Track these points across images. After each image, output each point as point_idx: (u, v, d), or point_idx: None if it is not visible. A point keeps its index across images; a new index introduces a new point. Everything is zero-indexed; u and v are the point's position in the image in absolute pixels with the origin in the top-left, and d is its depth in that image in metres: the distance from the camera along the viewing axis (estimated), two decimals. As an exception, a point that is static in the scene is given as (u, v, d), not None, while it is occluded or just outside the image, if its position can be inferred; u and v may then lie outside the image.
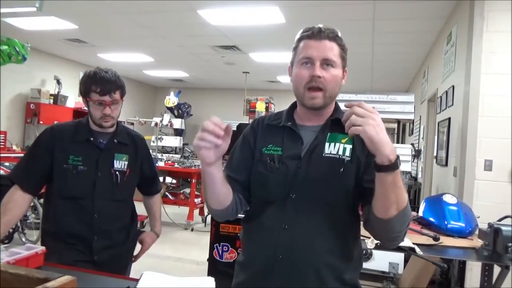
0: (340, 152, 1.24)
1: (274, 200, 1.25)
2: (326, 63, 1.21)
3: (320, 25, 1.24)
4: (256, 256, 1.28)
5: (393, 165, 1.02)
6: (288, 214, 1.22)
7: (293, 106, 1.37)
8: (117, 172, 1.78)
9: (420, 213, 2.62)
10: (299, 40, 1.26)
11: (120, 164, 1.80)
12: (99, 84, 1.70)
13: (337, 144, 1.25)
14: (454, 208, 2.46)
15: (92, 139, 1.78)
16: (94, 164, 1.75)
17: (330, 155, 1.24)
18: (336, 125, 1.27)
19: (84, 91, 1.74)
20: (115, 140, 1.82)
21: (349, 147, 1.24)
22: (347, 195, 1.23)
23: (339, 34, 1.25)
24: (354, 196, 1.24)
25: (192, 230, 6.11)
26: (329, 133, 1.27)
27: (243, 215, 1.40)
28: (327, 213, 1.23)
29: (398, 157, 1.04)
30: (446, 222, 2.37)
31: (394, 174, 1.04)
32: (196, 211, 6.50)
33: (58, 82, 7.76)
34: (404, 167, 3.48)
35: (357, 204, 1.27)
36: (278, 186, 1.25)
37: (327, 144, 1.25)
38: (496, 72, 3.16)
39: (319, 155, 1.25)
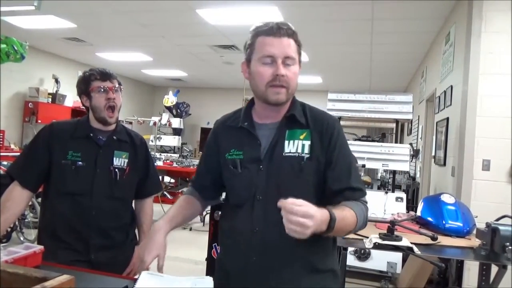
0: (299, 150, 1.25)
1: (243, 203, 1.27)
2: (287, 61, 1.21)
3: (279, 22, 1.23)
4: (231, 259, 1.31)
5: (326, 232, 1.07)
6: (257, 217, 1.24)
7: (251, 103, 1.37)
8: (116, 170, 1.79)
9: (418, 213, 2.62)
10: (255, 36, 1.23)
11: (120, 161, 1.81)
12: (99, 73, 1.77)
13: (296, 142, 1.26)
14: (452, 207, 2.47)
15: (91, 134, 1.78)
16: (93, 160, 1.75)
17: (290, 154, 1.25)
18: (293, 121, 1.28)
19: (85, 84, 1.78)
20: (114, 137, 1.82)
21: (307, 143, 1.26)
22: (310, 192, 1.23)
23: (294, 29, 1.25)
24: (318, 192, 1.25)
25: (190, 229, 6.11)
26: (287, 130, 1.28)
27: (221, 215, 1.45)
28: None
29: (330, 220, 1.06)
30: (444, 222, 2.38)
31: (332, 232, 1.09)
32: (195, 211, 6.49)
33: (57, 81, 7.75)
34: (403, 167, 3.49)
35: (324, 198, 1.26)
36: (244, 190, 1.27)
37: (286, 142, 1.26)
38: (494, 72, 3.17)
39: (279, 155, 1.25)
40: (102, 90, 1.75)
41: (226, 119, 1.40)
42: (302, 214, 0.99)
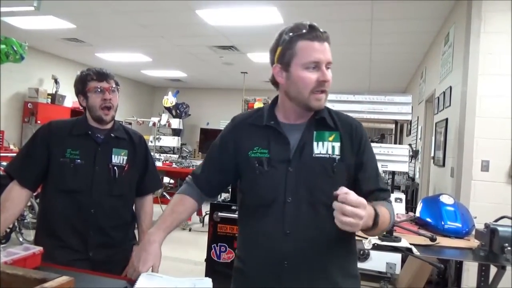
0: (330, 151, 1.25)
1: (269, 204, 1.24)
2: (328, 66, 1.21)
3: (309, 22, 1.21)
4: (261, 264, 1.26)
5: (372, 228, 1.10)
6: (288, 219, 1.22)
7: (274, 103, 1.35)
8: (115, 167, 1.79)
9: (417, 214, 2.63)
10: (295, 39, 1.20)
11: (119, 159, 1.81)
12: (96, 73, 1.77)
13: (325, 143, 1.26)
14: (451, 208, 2.47)
15: (90, 132, 1.79)
16: (92, 158, 1.75)
17: (320, 155, 1.25)
18: (321, 123, 1.28)
19: (82, 84, 1.78)
20: (112, 135, 1.83)
21: (337, 145, 1.26)
22: None
23: None
24: None
25: (190, 230, 6.11)
26: (315, 132, 1.27)
27: (240, 221, 1.40)
28: (326, 214, 1.21)
29: (376, 215, 1.10)
30: (443, 223, 2.38)
31: (376, 228, 1.12)
32: (194, 211, 6.49)
33: (56, 81, 7.75)
34: (402, 167, 3.49)
35: None
36: (270, 189, 1.24)
37: (315, 144, 1.26)
38: (493, 73, 3.17)
39: (309, 156, 1.24)
40: (98, 90, 1.75)
41: (246, 117, 1.37)
42: (356, 204, 1.00)
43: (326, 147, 1.25)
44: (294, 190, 1.22)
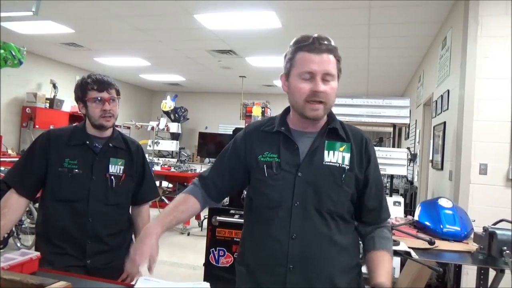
0: (340, 161, 1.28)
1: (276, 207, 1.26)
2: (326, 77, 1.22)
3: (316, 35, 1.22)
4: (266, 267, 1.27)
5: None
6: (295, 224, 1.24)
7: (286, 111, 1.38)
8: (112, 177, 1.79)
9: (416, 217, 2.63)
10: (296, 50, 1.24)
11: (116, 168, 1.81)
12: (96, 82, 1.75)
13: (336, 153, 1.28)
14: (450, 212, 2.47)
15: (88, 142, 1.79)
16: (89, 168, 1.76)
17: (330, 164, 1.27)
18: (333, 133, 1.31)
19: (82, 93, 1.77)
20: (110, 144, 1.82)
21: (347, 155, 1.29)
22: (346, 203, 1.28)
23: (334, 44, 1.25)
24: (350, 205, 1.31)
25: (188, 234, 6.10)
26: (326, 141, 1.30)
27: (246, 227, 1.41)
28: (333, 220, 1.26)
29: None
30: (441, 226, 2.38)
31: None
32: (193, 215, 6.48)
33: (54, 86, 7.74)
34: (400, 171, 3.49)
35: (352, 209, 1.34)
36: (277, 191, 1.26)
37: (326, 152, 1.28)
38: (491, 77, 3.18)
39: (319, 162, 1.27)
40: (98, 100, 1.74)
41: (259, 125, 1.40)
42: None
43: (337, 156, 1.28)
44: (302, 195, 1.24)
